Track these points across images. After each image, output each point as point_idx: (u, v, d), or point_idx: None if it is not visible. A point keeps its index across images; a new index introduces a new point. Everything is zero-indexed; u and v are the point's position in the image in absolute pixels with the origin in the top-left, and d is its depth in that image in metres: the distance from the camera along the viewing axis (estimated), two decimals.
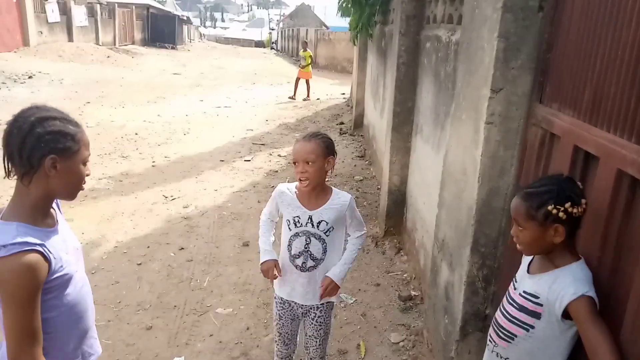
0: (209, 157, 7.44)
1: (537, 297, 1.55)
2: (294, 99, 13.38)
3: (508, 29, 2.07)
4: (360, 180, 6.40)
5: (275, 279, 2.23)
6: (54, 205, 1.54)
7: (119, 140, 8.03)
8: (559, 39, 1.95)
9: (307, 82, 13.93)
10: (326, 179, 2.19)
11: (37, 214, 1.42)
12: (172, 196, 5.70)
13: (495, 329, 1.73)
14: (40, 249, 1.34)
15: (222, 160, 7.26)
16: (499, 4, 2.07)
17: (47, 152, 1.35)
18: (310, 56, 14.40)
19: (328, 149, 2.11)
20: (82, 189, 1.51)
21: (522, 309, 1.60)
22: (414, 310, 3.48)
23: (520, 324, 1.60)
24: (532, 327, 1.56)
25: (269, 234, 2.30)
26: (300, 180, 2.09)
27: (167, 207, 5.38)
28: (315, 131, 2.21)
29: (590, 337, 1.39)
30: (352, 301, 3.58)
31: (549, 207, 1.46)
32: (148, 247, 4.40)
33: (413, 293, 3.65)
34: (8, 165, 1.39)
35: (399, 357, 3.02)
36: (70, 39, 21.41)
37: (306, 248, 2.17)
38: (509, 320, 1.65)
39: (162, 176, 6.42)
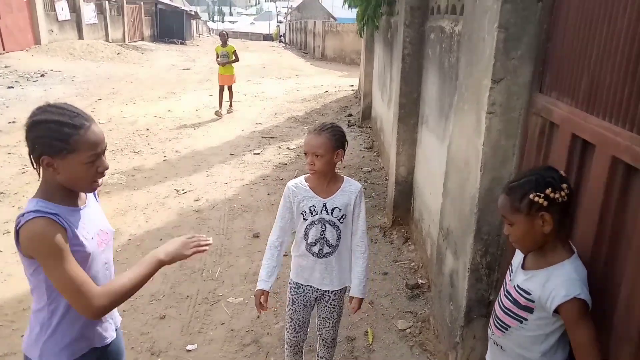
0: (218, 151, 7.53)
1: (529, 294, 1.58)
2: (220, 115, 9.89)
3: (508, 20, 2.11)
4: (369, 171, 6.45)
5: (263, 310, 2.28)
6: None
7: (130, 135, 8.15)
8: (558, 28, 1.98)
9: (230, 89, 10.35)
10: (336, 169, 2.29)
11: (56, 194, 1.52)
12: (183, 190, 5.80)
13: (493, 318, 1.78)
14: (52, 217, 1.45)
15: (232, 154, 7.34)
16: None
17: (40, 153, 1.47)
18: (235, 52, 10.20)
19: (337, 143, 2.17)
20: (96, 184, 1.58)
21: (515, 302, 1.63)
22: (421, 298, 3.54)
23: (514, 315, 1.64)
24: (525, 319, 1.60)
25: (272, 261, 2.30)
26: (309, 170, 2.21)
27: (178, 200, 5.48)
28: (328, 123, 2.24)
29: (577, 339, 1.46)
30: None
31: (531, 196, 1.48)
32: (161, 239, 4.50)
33: (420, 281, 3.71)
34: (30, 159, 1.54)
35: (406, 343, 3.08)
36: (81, 37, 21.60)
37: (322, 235, 2.27)
38: (504, 312, 1.69)
39: (173, 170, 6.52)
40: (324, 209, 2.25)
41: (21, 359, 2.91)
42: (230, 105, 10.44)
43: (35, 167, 1.53)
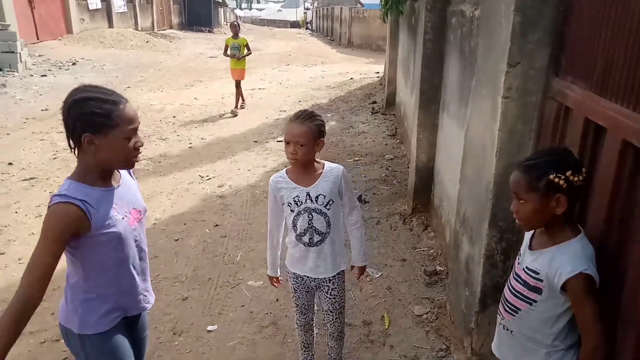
0: (242, 138, 7.62)
1: (537, 273, 1.59)
2: (237, 110, 9.30)
3: (525, 3, 2.07)
4: (391, 159, 6.43)
5: (279, 285, 2.59)
6: (122, 170, 1.76)
7: (157, 123, 8.32)
8: (574, 11, 1.94)
9: (239, 85, 9.37)
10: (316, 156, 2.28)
11: (91, 175, 1.61)
12: (207, 176, 5.91)
13: (503, 302, 1.79)
14: (78, 203, 1.53)
15: (256, 141, 7.43)
16: None
17: (82, 131, 1.53)
18: (247, 45, 9.44)
19: (319, 132, 2.17)
20: (135, 159, 1.66)
21: (524, 284, 1.64)
22: (438, 285, 3.54)
23: (524, 298, 1.65)
24: (535, 301, 1.61)
25: (275, 247, 2.43)
26: (290, 159, 2.21)
27: (202, 186, 5.59)
28: (308, 111, 2.23)
29: (582, 315, 1.47)
30: (377, 275, 3.67)
31: (551, 177, 1.47)
32: (185, 224, 4.62)
33: (438, 268, 3.71)
34: (68, 139, 1.60)
35: (422, 328, 3.11)
36: (111, 26, 21.98)
37: (310, 224, 2.26)
38: (514, 295, 1.70)
39: (198, 157, 6.65)
40: (307, 197, 2.23)
41: (52, 335, 3.06)
42: (243, 102, 9.61)
43: (73, 148, 1.59)
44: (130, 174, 1.84)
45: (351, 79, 13.35)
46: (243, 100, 9.64)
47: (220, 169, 6.17)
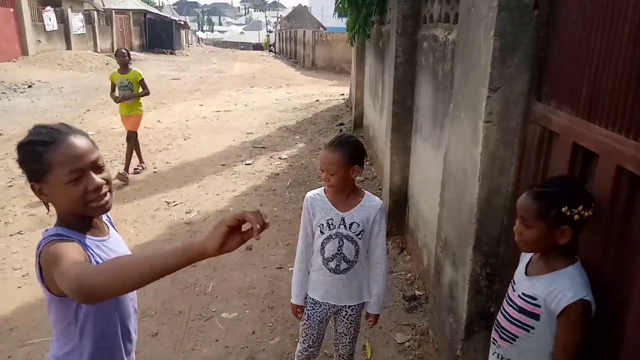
0: (209, 161, 7.45)
1: (535, 299, 1.56)
2: (127, 176, 6.39)
3: (504, 28, 2.08)
4: (361, 180, 6.40)
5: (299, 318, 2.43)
6: (104, 219, 1.58)
7: (120, 147, 8.03)
8: (556, 36, 1.96)
9: (135, 138, 6.71)
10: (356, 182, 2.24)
11: (74, 223, 1.43)
12: (174, 202, 5.71)
13: (498, 330, 1.74)
14: (75, 240, 1.35)
15: (223, 165, 7.27)
16: (494, 2, 2.07)
17: (29, 180, 1.39)
18: (142, 81, 6.51)
19: (353, 159, 2.10)
20: (95, 202, 1.41)
21: (521, 310, 1.61)
22: (418, 310, 3.48)
23: (521, 325, 1.62)
24: (532, 327, 1.59)
25: (304, 270, 2.32)
26: (326, 186, 2.18)
27: (169, 213, 5.39)
28: (343, 137, 2.16)
29: (567, 339, 1.48)
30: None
31: (563, 209, 1.45)
32: None
33: (417, 293, 3.65)
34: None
35: (405, 357, 3.02)
36: (69, 47, 21.47)
37: (339, 250, 2.19)
38: (510, 322, 1.66)
39: (163, 182, 6.43)
40: (342, 223, 2.17)
41: None
42: (141, 161, 6.92)
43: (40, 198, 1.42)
44: (111, 223, 1.64)
45: (317, 100, 13.40)
46: (141, 160, 6.94)
47: (187, 194, 5.98)
